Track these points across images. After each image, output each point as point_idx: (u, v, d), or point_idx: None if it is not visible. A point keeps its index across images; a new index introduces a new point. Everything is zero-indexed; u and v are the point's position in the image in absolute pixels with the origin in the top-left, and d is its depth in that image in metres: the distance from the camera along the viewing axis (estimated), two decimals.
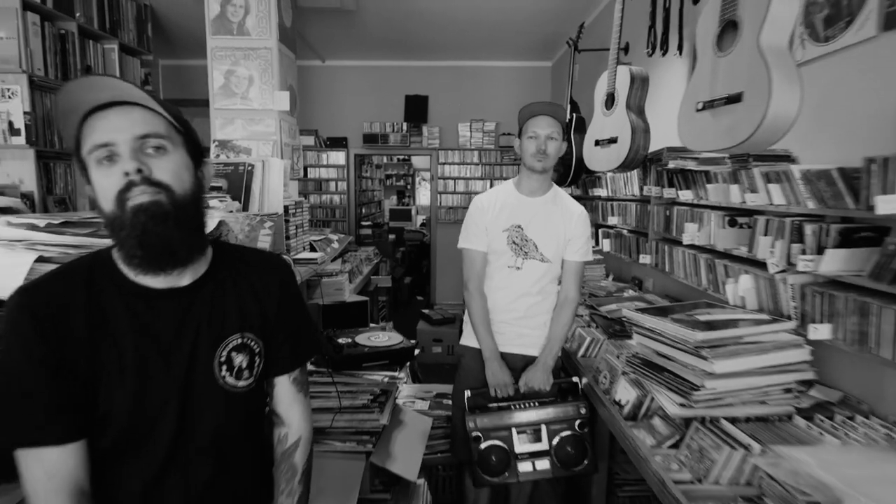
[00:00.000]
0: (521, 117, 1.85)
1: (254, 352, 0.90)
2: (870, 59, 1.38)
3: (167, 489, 0.82)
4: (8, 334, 0.74)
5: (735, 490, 1.15)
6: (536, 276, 1.83)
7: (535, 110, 1.79)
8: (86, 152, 0.76)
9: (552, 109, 1.79)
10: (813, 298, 1.36)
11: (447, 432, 2.15)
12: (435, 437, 2.15)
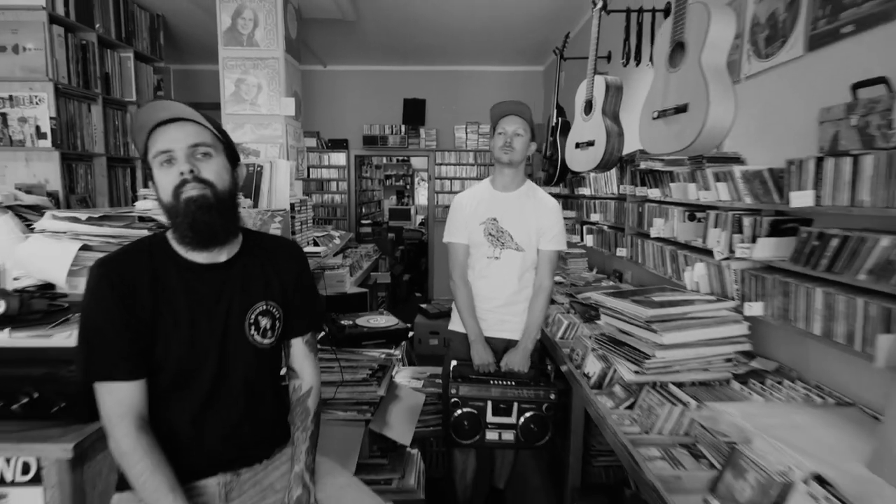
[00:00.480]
0: (492, 116, 2.06)
1: (275, 317, 1.12)
2: (798, 74, 1.60)
3: (208, 421, 1.04)
4: (91, 295, 0.97)
5: (674, 439, 1.37)
6: (514, 265, 2.03)
7: (503, 110, 1.99)
8: (151, 157, 0.98)
9: (519, 109, 1.99)
10: (749, 281, 1.58)
11: (439, 408, 2.37)
12: (427, 412, 2.36)
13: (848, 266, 1.21)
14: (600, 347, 1.81)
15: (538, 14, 4.07)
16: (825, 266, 1.27)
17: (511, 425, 1.94)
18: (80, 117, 3.20)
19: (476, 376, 1.99)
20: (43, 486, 1.12)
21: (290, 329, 1.16)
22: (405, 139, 6.08)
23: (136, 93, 3.66)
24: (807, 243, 1.34)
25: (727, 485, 1.12)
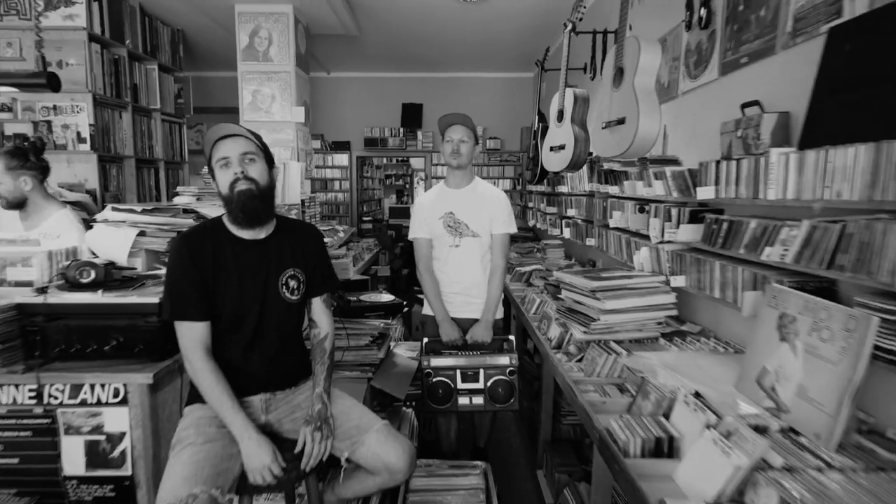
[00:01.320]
0: (439, 126, 2.34)
1: (300, 280, 1.50)
2: (714, 93, 1.98)
3: (253, 354, 1.42)
4: (173, 259, 1.35)
5: (608, 380, 1.74)
6: (473, 251, 2.34)
7: (450, 120, 2.31)
8: (214, 162, 1.36)
9: (463, 119, 2.30)
10: (675, 259, 1.95)
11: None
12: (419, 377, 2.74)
13: (733, 243, 1.58)
14: (561, 316, 2.19)
15: (524, 28, 4.44)
16: (720, 244, 1.65)
17: (479, 390, 2.23)
18: (112, 123, 3.58)
19: (445, 350, 2.30)
20: (128, 406, 1.50)
21: (311, 289, 1.54)
22: (404, 141, 6.45)
23: (160, 101, 4.04)
24: (709, 227, 1.72)
25: (637, 405, 1.50)
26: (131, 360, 1.52)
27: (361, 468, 1.46)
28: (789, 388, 1.23)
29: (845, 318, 1.11)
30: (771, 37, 1.62)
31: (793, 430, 1.19)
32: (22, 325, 1.52)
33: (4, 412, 1.50)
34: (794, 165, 1.29)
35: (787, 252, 1.33)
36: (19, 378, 1.48)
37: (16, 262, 1.71)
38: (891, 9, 1.11)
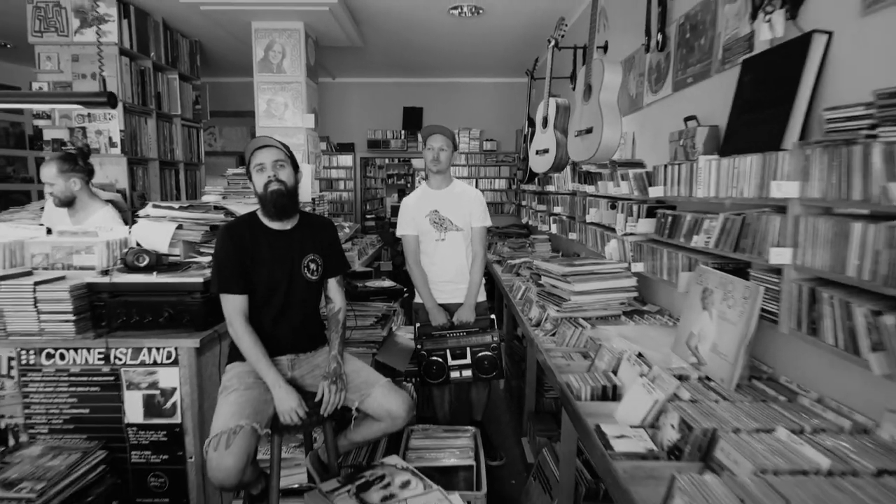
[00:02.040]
0: (422, 135, 2.60)
1: (318, 263, 1.83)
2: (670, 106, 2.30)
3: (281, 323, 1.75)
4: (219, 245, 1.68)
5: (575, 349, 2.06)
6: (458, 243, 2.63)
7: (431, 130, 2.57)
8: (251, 167, 1.69)
9: (442, 130, 2.57)
10: (636, 249, 2.27)
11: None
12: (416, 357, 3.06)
13: (676, 234, 1.90)
14: (539, 299, 2.51)
15: (514, 40, 4.76)
16: (667, 235, 1.97)
17: (468, 365, 2.55)
18: (139, 129, 3.91)
19: (436, 333, 2.59)
20: (178, 366, 1.83)
21: (327, 271, 1.87)
22: (405, 143, 6.78)
23: (181, 107, 4.37)
24: (660, 221, 2.04)
25: (595, 366, 1.82)
26: (180, 329, 1.85)
27: (369, 416, 1.79)
28: (706, 346, 1.55)
29: (743, 289, 1.43)
30: (708, 62, 1.94)
31: (707, 378, 1.51)
32: (91, 300, 1.85)
33: (78, 371, 1.83)
34: (714, 170, 1.61)
35: (709, 239, 1.65)
36: (90, 343, 1.81)
37: (80, 250, 2.04)
38: (771, 53, 1.43)
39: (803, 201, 1.22)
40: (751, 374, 1.54)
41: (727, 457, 1.08)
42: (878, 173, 0.99)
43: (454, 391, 2.94)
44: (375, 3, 3.77)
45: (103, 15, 3.49)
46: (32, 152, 6.14)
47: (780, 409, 1.29)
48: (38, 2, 3.52)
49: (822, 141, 1.16)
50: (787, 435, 1.13)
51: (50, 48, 3.57)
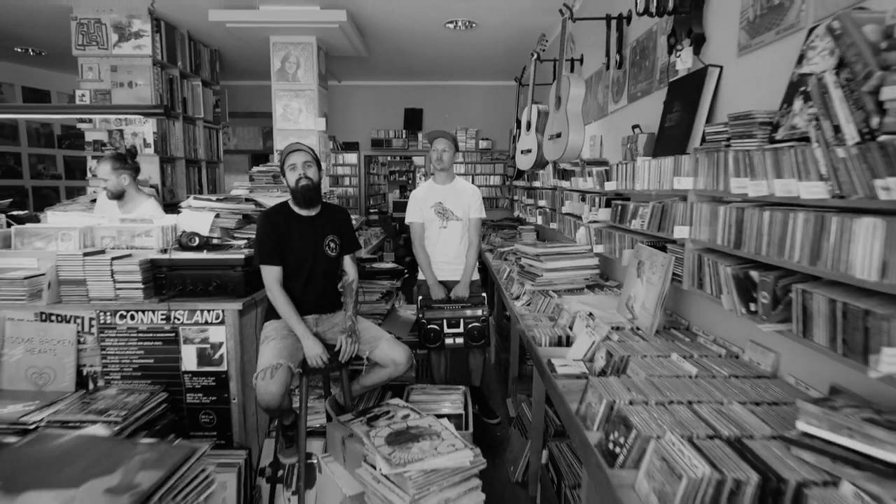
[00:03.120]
0: (428, 138, 3.04)
1: (336, 243, 2.27)
2: (626, 115, 2.74)
3: (308, 289, 2.20)
4: (260, 227, 2.12)
5: (545, 314, 2.51)
6: (457, 231, 3.07)
7: (436, 134, 3.03)
8: (286, 166, 2.13)
9: (446, 134, 3.02)
10: (597, 233, 2.72)
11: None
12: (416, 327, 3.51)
13: (624, 219, 2.35)
14: (519, 276, 2.96)
15: (504, 50, 5.20)
16: (618, 221, 2.41)
17: (460, 333, 3.00)
18: (168, 131, 4.36)
19: (435, 305, 3.03)
20: (225, 325, 2.28)
21: (343, 249, 2.31)
22: (406, 142, 7.21)
23: (203, 111, 4.81)
24: (614, 209, 2.48)
25: (556, 323, 2.27)
26: (225, 296, 2.30)
27: (377, 364, 2.24)
28: (638, 304, 2.00)
29: (662, 259, 1.88)
30: (650, 81, 2.38)
31: (637, 328, 1.96)
32: (154, 273, 2.30)
33: (145, 329, 2.28)
34: (647, 168, 2.05)
35: (643, 223, 2.09)
36: (155, 306, 2.26)
37: (141, 234, 2.49)
38: (684, 79, 1.87)
39: (696, 192, 1.66)
40: (671, 325, 2.00)
41: (633, 371, 1.53)
42: (731, 171, 1.43)
43: (449, 359, 3.39)
44: (379, 19, 4.20)
45: (139, 31, 3.93)
46: (60, 151, 6.59)
47: (681, 345, 1.74)
48: (81, 19, 3.95)
49: (704, 148, 1.60)
50: (677, 357, 1.58)
51: (91, 60, 4.01)
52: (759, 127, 1.35)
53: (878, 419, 0.95)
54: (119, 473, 0.76)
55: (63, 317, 2.28)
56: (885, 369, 0.89)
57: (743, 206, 1.37)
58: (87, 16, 3.94)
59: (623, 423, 1.20)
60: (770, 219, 1.24)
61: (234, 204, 2.84)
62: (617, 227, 2.48)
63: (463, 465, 1.71)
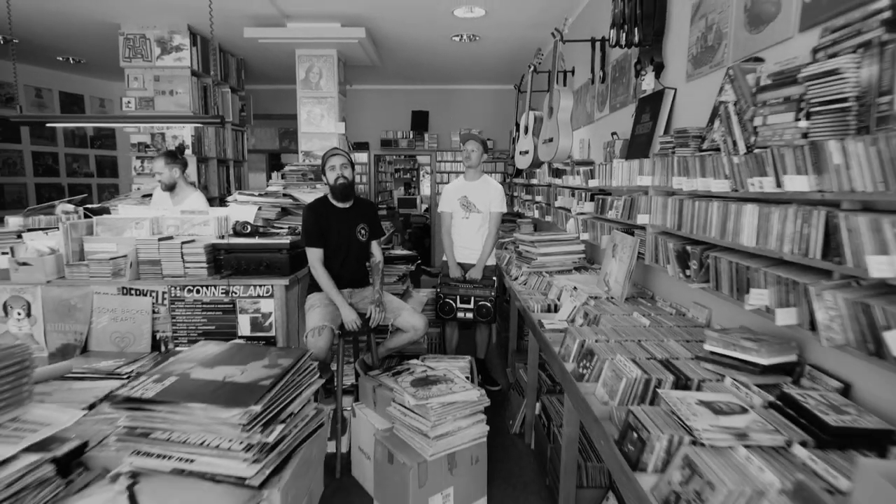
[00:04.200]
0: (461, 139, 3.58)
1: (366, 230, 2.74)
2: (610, 122, 3.19)
3: (344, 268, 2.66)
4: (305, 216, 2.58)
5: (539, 290, 2.97)
6: (477, 222, 3.56)
7: (467, 137, 3.51)
8: (326, 167, 2.59)
9: (476, 137, 3.50)
10: (584, 224, 3.17)
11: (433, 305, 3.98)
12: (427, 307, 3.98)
13: (605, 211, 2.80)
14: (517, 260, 3.42)
15: (504, 59, 5.64)
16: (600, 212, 2.87)
17: (470, 309, 3.49)
18: (203, 134, 4.81)
19: (452, 283, 3.53)
20: (274, 298, 2.74)
21: (371, 235, 2.77)
22: (413, 142, 7.66)
23: (231, 115, 5.27)
24: (597, 203, 2.94)
25: (547, 297, 2.73)
26: (273, 274, 2.75)
27: (399, 330, 2.71)
28: (612, 279, 2.46)
29: (630, 241, 2.33)
30: (626, 95, 2.83)
31: (611, 297, 2.42)
32: (214, 255, 2.76)
33: (208, 300, 2.74)
34: (621, 168, 2.50)
35: (618, 213, 2.55)
36: (216, 282, 2.72)
37: (200, 223, 2.95)
38: (649, 97, 2.32)
39: (653, 187, 2.12)
40: (639, 295, 2.46)
41: (602, 324, 1.99)
42: (675, 172, 1.89)
43: (459, 333, 3.85)
44: (393, 34, 4.65)
45: (179, 45, 4.38)
46: (93, 151, 7.05)
47: (643, 307, 2.21)
48: (128, 34, 4.40)
49: (658, 154, 2.06)
50: (637, 315, 2.04)
51: (136, 70, 4.46)
52: (692, 139, 1.80)
53: (751, 337, 1.41)
54: (267, 358, 1.21)
55: (141, 291, 2.75)
56: (752, 301, 1.35)
57: (682, 198, 1.83)
58: (134, 31, 4.39)
59: (589, 353, 1.67)
60: (697, 207, 1.70)
61: (273, 198, 3.30)
62: (599, 218, 2.94)
63: (472, 399, 2.18)
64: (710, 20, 1.90)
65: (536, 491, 2.48)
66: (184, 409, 1.01)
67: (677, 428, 1.09)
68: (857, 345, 1.05)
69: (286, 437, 1.12)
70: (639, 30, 2.23)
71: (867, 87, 1.03)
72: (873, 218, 1.00)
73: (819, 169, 1.14)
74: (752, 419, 1.08)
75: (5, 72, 5.81)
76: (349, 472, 2.62)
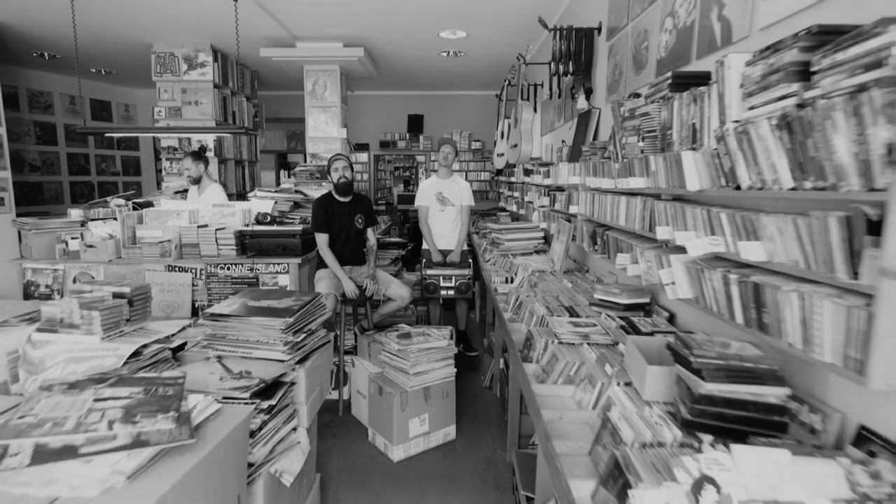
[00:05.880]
0: (438, 143, 4.20)
1: (363, 219, 3.37)
2: (564, 131, 3.81)
3: (345, 249, 3.29)
4: (315, 208, 3.21)
5: (503, 269, 3.60)
6: (452, 214, 4.16)
7: (443, 141, 4.10)
8: (331, 169, 3.23)
9: (450, 141, 4.09)
10: (546, 216, 3.80)
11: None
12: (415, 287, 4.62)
13: (555, 204, 3.43)
14: (490, 246, 4.05)
15: (488, 70, 6.26)
16: (553, 205, 3.49)
17: (452, 287, 4.13)
18: (223, 138, 5.45)
19: (434, 266, 4.16)
20: (289, 273, 3.38)
21: (367, 223, 3.41)
22: (409, 143, 8.28)
23: (246, 121, 5.90)
24: (552, 198, 3.56)
25: (507, 272, 3.36)
26: (288, 255, 3.39)
27: (389, 299, 3.34)
28: (556, 257, 3.09)
29: (566, 227, 2.96)
30: (572, 110, 3.46)
31: (553, 271, 3.05)
32: (241, 239, 3.40)
33: (237, 276, 3.38)
34: (565, 170, 3.13)
35: (562, 205, 3.17)
36: (243, 261, 3.35)
37: (227, 214, 3.59)
38: (583, 114, 2.95)
39: (581, 185, 2.74)
40: (577, 269, 3.09)
41: (538, 288, 2.63)
42: (591, 173, 2.51)
43: (443, 311, 4.48)
44: (388, 51, 5.26)
45: (203, 61, 5.01)
46: (119, 152, 7.68)
47: (574, 277, 2.84)
48: (160, 52, 5.03)
49: (583, 159, 2.69)
50: (566, 281, 2.67)
51: (166, 84, 5.09)
52: (599, 150, 2.43)
53: (620, 288, 2.05)
54: (294, 296, 1.84)
55: (183, 268, 3.39)
56: (618, 262, 1.98)
57: (594, 193, 2.46)
58: (164, 50, 5.02)
59: (520, 304, 2.31)
60: (600, 199, 2.33)
61: (287, 194, 3.94)
62: (552, 210, 3.57)
63: (442, 346, 2.82)
64: (617, 60, 2.52)
65: (497, 424, 3.12)
66: (247, 321, 1.64)
67: (551, 335, 1.73)
68: (660, 284, 1.68)
69: (307, 343, 1.75)
70: (572, 63, 2.85)
71: (664, 124, 1.66)
72: (670, 203, 1.63)
73: (648, 173, 1.77)
74: (596, 329, 1.72)
75: (44, 82, 6.45)
76: (349, 412, 3.26)
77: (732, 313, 1.22)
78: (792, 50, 1.01)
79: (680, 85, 1.56)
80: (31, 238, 3.37)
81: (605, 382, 1.39)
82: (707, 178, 1.37)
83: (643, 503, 0.88)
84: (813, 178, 0.96)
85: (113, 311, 1.52)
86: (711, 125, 1.35)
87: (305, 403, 1.67)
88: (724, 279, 1.24)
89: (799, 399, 1.15)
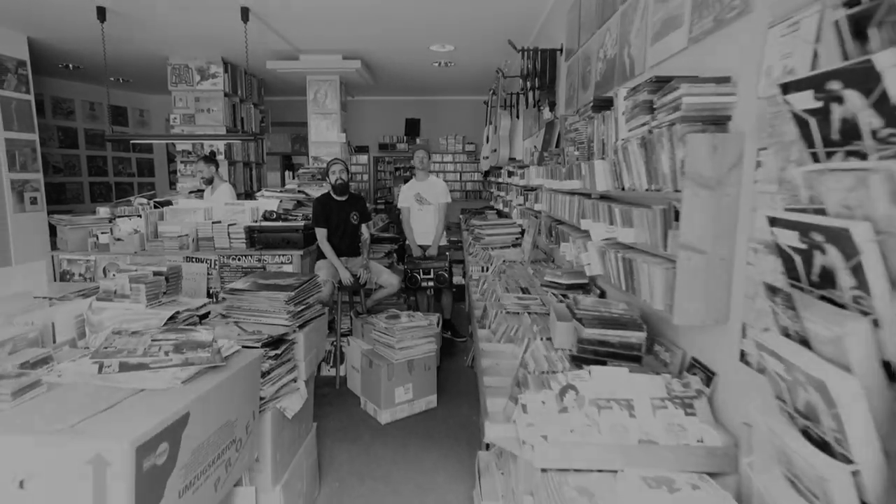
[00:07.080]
0: (411, 150, 4.60)
1: (357, 216, 3.78)
2: (539, 137, 4.21)
3: (342, 242, 3.71)
4: (315, 206, 3.63)
5: (483, 260, 4.01)
6: (430, 212, 4.53)
7: (416, 148, 4.51)
8: (329, 171, 3.64)
9: (424, 146, 4.53)
10: (522, 213, 4.20)
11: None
12: None
13: (530, 202, 3.83)
14: (473, 241, 4.46)
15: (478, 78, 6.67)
16: (526, 202, 3.89)
17: (431, 278, 4.52)
18: (232, 143, 5.87)
19: (416, 259, 4.56)
20: (292, 264, 3.81)
21: (361, 219, 3.82)
22: (407, 145, 8.69)
23: (253, 126, 6.33)
24: (526, 196, 3.97)
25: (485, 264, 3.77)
26: (291, 248, 3.81)
27: (381, 286, 3.76)
28: (526, 247, 3.50)
29: (534, 222, 3.37)
30: (540, 122, 3.86)
31: (522, 261, 3.45)
32: (250, 234, 3.82)
33: (247, 266, 3.80)
34: (535, 172, 3.53)
35: (531, 203, 3.58)
36: (252, 252, 3.77)
37: (238, 212, 4.01)
38: (549, 123, 3.35)
39: (543, 186, 3.15)
40: (544, 259, 3.49)
41: (505, 275, 3.03)
42: (549, 176, 2.91)
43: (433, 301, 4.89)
44: (383, 62, 5.67)
45: (214, 72, 5.44)
46: (134, 154, 8.13)
47: (538, 266, 3.24)
48: (175, 64, 5.46)
49: (545, 164, 3.09)
50: (530, 269, 3.08)
51: (181, 93, 5.52)
52: (555, 156, 2.83)
53: (563, 271, 2.46)
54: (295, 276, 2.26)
55: (199, 259, 3.81)
56: (562, 251, 2.39)
57: (552, 192, 2.87)
58: (179, 62, 5.45)
59: (486, 288, 2.72)
60: (554, 197, 2.73)
61: (290, 194, 4.36)
62: (526, 208, 3.97)
63: (424, 325, 3.23)
64: (572, 79, 2.93)
65: (475, 396, 3.53)
66: (257, 294, 2.06)
67: (501, 307, 2.14)
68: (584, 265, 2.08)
69: (305, 314, 2.17)
70: (538, 79, 3.26)
71: (589, 137, 2.06)
72: (592, 201, 2.03)
73: (580, 177, 2.17)
74: (536, 302, 2.13)
75: (66, 90, 6.90)
76: (346, 385, 3.68)
77: (621, 282, 1.63)
78: (643, 92, 1.42)
79: (599, 107, 1.97)
80: (66, 233, 3.80)
81: (531, 337, 1.80)
82: (610, 181, 1.78)
83: (527, 402, 1.29)
84: (655, 183, 1.37)
85: (154, 284, 1.94)
86: (612, 140, 1.76)
87: (304, 360, 2.08)
88: (615, 257, 1.65)
89: (660, 343, 1.56)
